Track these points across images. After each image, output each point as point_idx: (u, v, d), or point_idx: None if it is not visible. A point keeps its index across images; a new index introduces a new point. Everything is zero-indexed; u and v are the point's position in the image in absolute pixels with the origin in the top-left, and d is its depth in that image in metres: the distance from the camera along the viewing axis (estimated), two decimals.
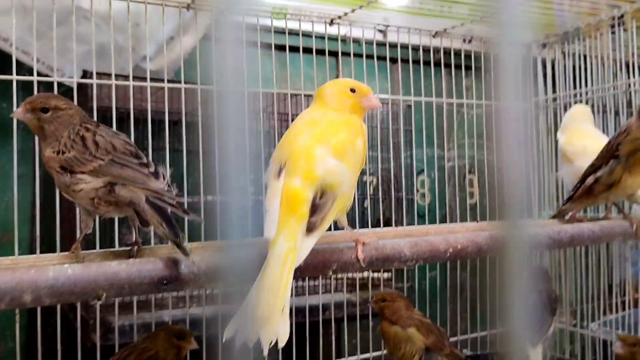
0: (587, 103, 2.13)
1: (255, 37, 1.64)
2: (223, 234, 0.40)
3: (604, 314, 2.17)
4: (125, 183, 0.99)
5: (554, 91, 2.26)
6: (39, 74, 1.43)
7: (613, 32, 2.09)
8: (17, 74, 1.36)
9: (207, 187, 1.61)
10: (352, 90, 1.10)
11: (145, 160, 1.05)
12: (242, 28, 0.40)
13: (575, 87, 2.19)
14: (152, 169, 1.02)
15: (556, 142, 1.96)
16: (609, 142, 1.57)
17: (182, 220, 1.29)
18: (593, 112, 2.00)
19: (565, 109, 2.12)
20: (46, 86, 1.63)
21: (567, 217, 1.65)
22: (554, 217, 1.71)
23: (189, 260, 0.91)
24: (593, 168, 1.57)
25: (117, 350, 1.46)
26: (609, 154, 1.54)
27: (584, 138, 1.83)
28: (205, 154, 1.57)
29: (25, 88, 1.49)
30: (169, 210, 0.97)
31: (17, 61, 1.40)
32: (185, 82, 1.56)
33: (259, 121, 1.74)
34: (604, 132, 1.98)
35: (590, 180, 1.55)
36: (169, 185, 1.01)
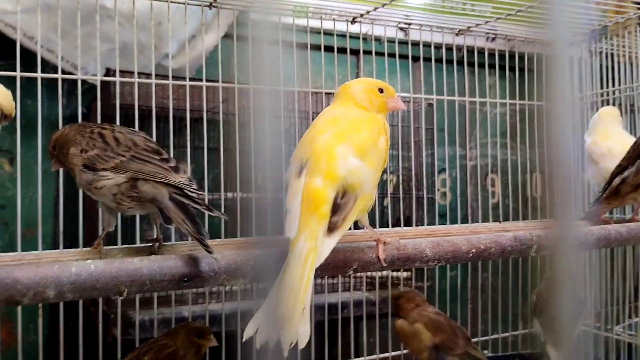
0: (614, 102, 2.09)
1: (278, 36, 1.63)
2: (258, 230, 0.40)
3: (629, 317, 2.13)
4: (147, 178, 1.00)
5: (581, 90, 2.22)
6: (63, 72, 1.44)
7: None
8: (41, 72, 1.37)
9: (228, 184, 1.61)
10: (380, 91, 1.10)
11: (166, 155, 1.06)
12: (270, 27, 0.39)
13: (602, 87, 2.15)
14: (172, 164, 1.03)
15: (583, 142, 1.92)
16: (635, 142, 1.54)
17: (202, 218, 1.30)
18: (621, 111, 1.96)
19: (592, 109, 2.08)
20: (70, 83, 1.65)
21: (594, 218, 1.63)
22: (583, 219, 1.68)
23: (212, 258, 0.91)
24: (620, 169, 1.54)
25: (137, 344, 1.48)
26: (635, 154, 1.51)
27: (608, 139, 1.80)
28: (226, 152, 1.57)
29: (50, 86, 1.50)
30: (191, 208, 0.97)
31: (42, 59, 1.42)
32: (206, 80, 1.57)
33: (279, 119, 1.74)
34: (632, 132, 1.94)
35: (617, 181, 1.52)
36: (190, 180, 1.02)
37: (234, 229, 1.51)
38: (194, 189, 1.00)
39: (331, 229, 0.90)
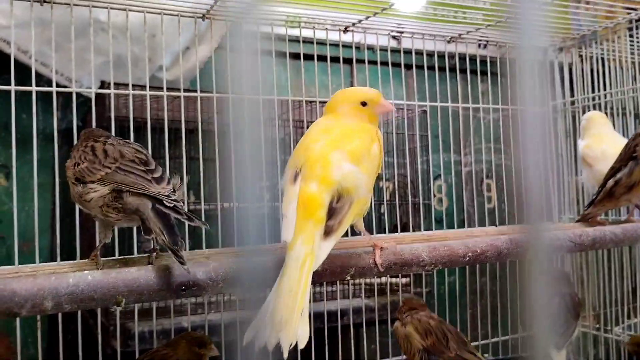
0: (605, 106, 2.11)
1: (270, 46, 1.65)
2: (240, 240, 0.40)
3: (628, 317, 2.14)
4: (128, 189, 1.00)
5: (572, 95, 2.24)
6: (58, 85, 1.45)
7: (631, 35, 2.07)
8: (36, 86, 1.38)
9: (224, 195, 1.61)
10: (364, 104, 1.08)
11: (153, 167, 1.06)
12: (257, 37, 0.40)
13: (593, 91, 2.17)
14: (157, 175, 1.03)
15: (575, 145, 1.94)
16: (627, 144, 1.56)
17: (199, 227, 1.30)
18: (612, 115, 1.98)
19: (584, 113, 2.11)
20: (65, 97, 1.66)
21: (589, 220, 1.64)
22: (578, 221, 1.70)
23: (183, 269, 0.91)
24: (613, 171, 1.55)
25: (137, 356, 1.47)
26: (627, 156, 1.52)
27: (602, 142, 1.82)
28: (221, 162, 1.58)
29: (45, 99, 1.51)
30: (172, 218, 0.97)
31: (37, 73, 1.43)
32: (201, 91, 1.58)
33: (274, 128, 1.75)
34: (623, 135, 1.96)
35: (610, 183, 1.54)
36: (173, 190, 1.02)
37: (230, 238, 1.51)
38: (173, 199, 0.99)
39: (327, 232, 0.91)
